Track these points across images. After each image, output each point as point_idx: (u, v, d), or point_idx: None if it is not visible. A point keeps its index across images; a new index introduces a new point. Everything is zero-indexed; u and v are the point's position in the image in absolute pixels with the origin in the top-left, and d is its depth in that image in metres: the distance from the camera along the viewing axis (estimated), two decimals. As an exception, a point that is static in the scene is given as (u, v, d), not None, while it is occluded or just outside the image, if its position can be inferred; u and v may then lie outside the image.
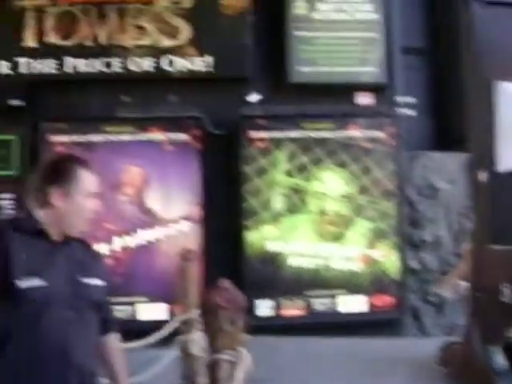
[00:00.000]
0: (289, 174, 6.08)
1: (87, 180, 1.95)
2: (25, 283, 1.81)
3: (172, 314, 5.18)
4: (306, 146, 6.11)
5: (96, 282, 1.97)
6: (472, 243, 3.36)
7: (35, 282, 1.82)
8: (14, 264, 1.81)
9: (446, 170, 6.55)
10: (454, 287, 4.34)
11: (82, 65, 6.09)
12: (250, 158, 6.04)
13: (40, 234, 1.91)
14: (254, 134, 6.08)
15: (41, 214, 1.91)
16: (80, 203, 1.93)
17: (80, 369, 1.86)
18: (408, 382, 3.64)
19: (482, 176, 3.39)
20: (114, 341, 2.12)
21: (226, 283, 2.33)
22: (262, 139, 6.09)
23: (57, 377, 1.83)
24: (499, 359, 3.59)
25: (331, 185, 6.13)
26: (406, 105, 6.62)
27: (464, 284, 3.95)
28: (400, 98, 6.41)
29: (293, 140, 6.10)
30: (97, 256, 2.11)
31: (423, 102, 6.96)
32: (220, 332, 2.27)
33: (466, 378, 3.46)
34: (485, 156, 3.44)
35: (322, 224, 6.10)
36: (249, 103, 6.22)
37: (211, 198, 5.97)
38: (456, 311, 5.52)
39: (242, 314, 2.54)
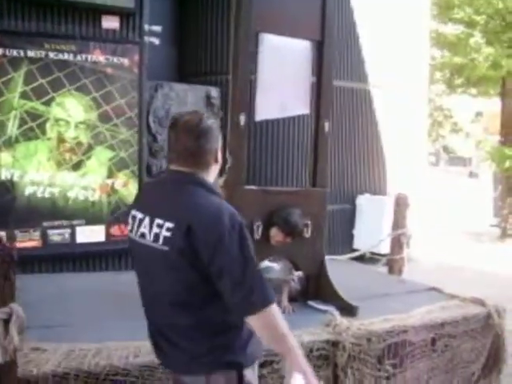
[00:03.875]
0: (25, 97, 5.65)
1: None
2: None
3: None
4: (45, 67, 5.71)
5: None
6: (227, 183, 3.58)
7: None
8: None
9: (186, 101, 6.76)
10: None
11: None
12: (-19, 78, 5.45)
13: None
14: (-13, 51, 5.47)
15: (208, 176, 2.09)
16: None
17: None
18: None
19: (241, 120, 3.60)
20: None
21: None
22: (-4, 56, 5.51)
23: None
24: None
25: (71, 111, 5.89)
26: (152, 33, 6.58)
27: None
28: (146, 26, 6.33)
29: (31, 60, 5.65)
30: None
31: (169, 32, 6.97)
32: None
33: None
34: (244, 102, 3.65)
35: (60, 151, 5.86)
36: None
37: None
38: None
39: (14, 267, 2.41)
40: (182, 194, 2.04)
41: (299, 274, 4.12)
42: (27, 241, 5.76)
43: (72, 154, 5.95)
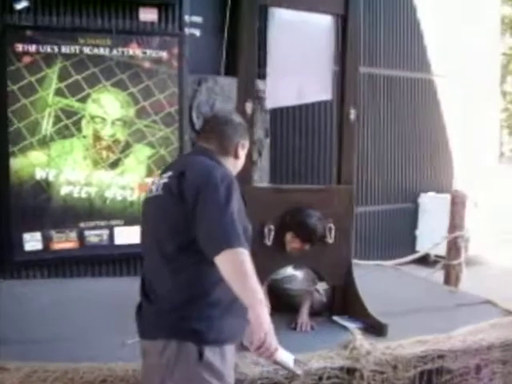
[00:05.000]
0: (60, 94, 5.46)
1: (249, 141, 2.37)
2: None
3: None
4: (80, 63, 5.50)
5: None
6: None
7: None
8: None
9: (231, 95, 6.36)
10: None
11: None
12: (16, 75, 5.29)
13: None
14: (21, 48, 5.31)
15: (224, 162, 2.21)
16: (244, 157, 2.33)
17: None
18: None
19: (248, 108, 3.15)
20: None
21: None
22: (29, 53, 5.35)
23: None
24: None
25: (107, 107, 5.64)
26: (193, 24, 6.23)
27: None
28: (187, 17, 6.00)
29: (65, 56, 5.44)
30: None
31: (211, 23, 6.61)
32: None
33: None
34: (250, 87, 3.20)
35: (97, 150, 5.63)
36: (15, 11, 5.38)
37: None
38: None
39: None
40: (190, 159, 2.23)
41: (324, 284, 3.62)
42: (64, 242, 5.57)
43: (109, 152, 5.71)
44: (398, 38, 7.07)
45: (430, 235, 6.56)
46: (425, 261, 6.24)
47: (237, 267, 1.91)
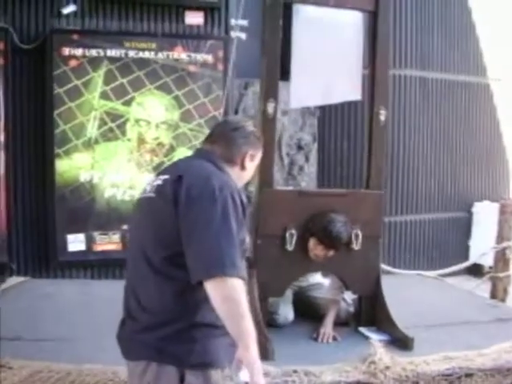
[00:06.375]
0: (105, 97, 5.52)
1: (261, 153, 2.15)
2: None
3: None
4: (125, 66, 5.55)
5: None
6: (256, 185, 3.04)
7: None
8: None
9: (279, 99, 6.24)
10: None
11: None
12: (62, 78, 5.39)
13: None
14: (68, 51, 5.41)
15: (228, 169, 2.01)
16: (253, 170, 2.11)
17: None
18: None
19: (269, 108, 3.05)
20: None
21: None
22: (76, 57, 5.44)
23: None
24: (282, 311, 3.41)
25: (151, 110, 5.66)
26: (239, 28, 6.17)
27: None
28: (233, 20, 5.95)
29: (111, 60, 5.51)
30: None
31: (257, 26, 6.52)
32: None
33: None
34: (272, 86, 3.09)
35: (141, 153, 5.65)
36: (63, 15, 5.49)
37: (18, 122, 5.36)
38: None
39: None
40: (190, 162, 2.04)
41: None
42: (107, 243, 5.62)
43: (153, 155, 5.72)
44: (453, 41, 6.77)
45: (484, 245, 6.25)
46: (478, 272, 5.93)
47: (231, 304, 1.72)
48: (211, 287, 1.72)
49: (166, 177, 1.93)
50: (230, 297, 1.71)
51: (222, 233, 1.76)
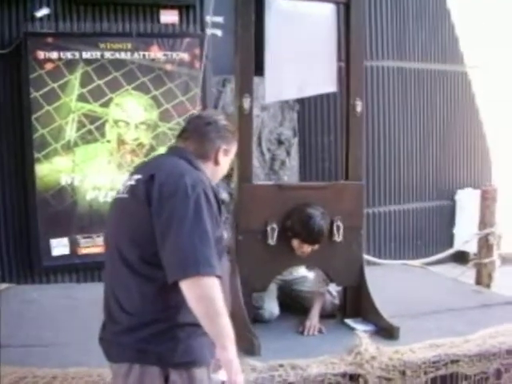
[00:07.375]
0: (83, 99, 5.48)
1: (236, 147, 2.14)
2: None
3: None
4: (101, 68, 5.51)
5: None
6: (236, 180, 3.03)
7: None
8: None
9: (257, 95, 6.23)
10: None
11: None
12: (38, 82, 5.34)
13: None
14: (43, 54, 5.36)
15: (201, 166, 1.99)
16: (227, 165, 2.09)
17: None
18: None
19: (245, 103, 3.04)
20: None
21: None
22: (51, 60, 5.39)
23: None
24: (267, 306, 3.40)
25: (130, 111, 5.63)
26: (215, 25, 6.14)
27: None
28: (208, 18, 5.91)
29: (87, 61, 5.46)
30: None
31: (232, 22, 6.49)
32: None
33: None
34: (247, 81, 3.08)
35: (121, 154, 5.62)
36: (36, 19, 5.44)
37: (-6, 128, 5.32)
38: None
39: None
40: (162, 160, 2.04)
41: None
42: (91, 247, 5.58)
43: (133, 156, 5.69)
44: (429, 30, 6.78)
45: (468, 233, 6.29)
46: (463, 259, 5.96)
47: (206, 303, 1.72)
48: (186, 287, 1.72)
49: (138, 176, 1.92)
50: (205, 296, 1.71)
51: (195, 231, 1.74)
